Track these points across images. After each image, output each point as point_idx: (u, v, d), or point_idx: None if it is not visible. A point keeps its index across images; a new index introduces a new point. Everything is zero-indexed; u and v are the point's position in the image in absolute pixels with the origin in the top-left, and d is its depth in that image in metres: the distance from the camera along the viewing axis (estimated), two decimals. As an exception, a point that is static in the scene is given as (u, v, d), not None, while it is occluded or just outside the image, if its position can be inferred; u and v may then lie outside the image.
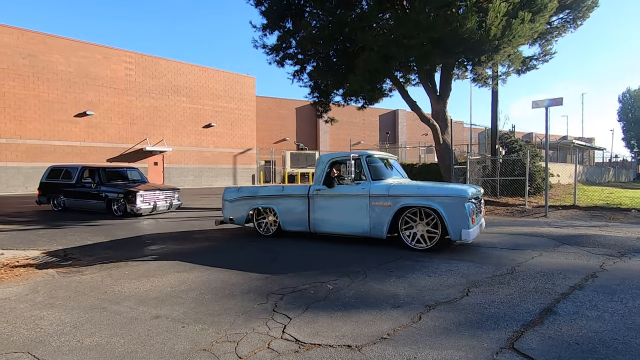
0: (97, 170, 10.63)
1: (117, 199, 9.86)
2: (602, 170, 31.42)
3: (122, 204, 9.77)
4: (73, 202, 10.86)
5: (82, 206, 10.68)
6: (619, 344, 2.49)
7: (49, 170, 11.75)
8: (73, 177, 10.89)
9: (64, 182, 11.05)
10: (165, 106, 24.53)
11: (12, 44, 18.89)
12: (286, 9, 11.46)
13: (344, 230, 5.96)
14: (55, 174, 11.51)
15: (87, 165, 11.22)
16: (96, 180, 10.40)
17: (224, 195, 7.34)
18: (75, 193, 10.75)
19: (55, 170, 11.63)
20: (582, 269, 4.36)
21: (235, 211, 7.11)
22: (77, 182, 10.73)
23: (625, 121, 49.94)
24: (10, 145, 19.01)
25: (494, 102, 12.93)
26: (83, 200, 10.61)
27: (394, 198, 5.45)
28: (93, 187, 10.30)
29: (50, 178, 11.52)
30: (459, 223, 5.01)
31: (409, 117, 39.58)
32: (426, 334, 2.67)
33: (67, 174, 11.14)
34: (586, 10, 10.67)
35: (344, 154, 6.30)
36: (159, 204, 10.24)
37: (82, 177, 10.71)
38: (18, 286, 3.95)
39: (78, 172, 10.88)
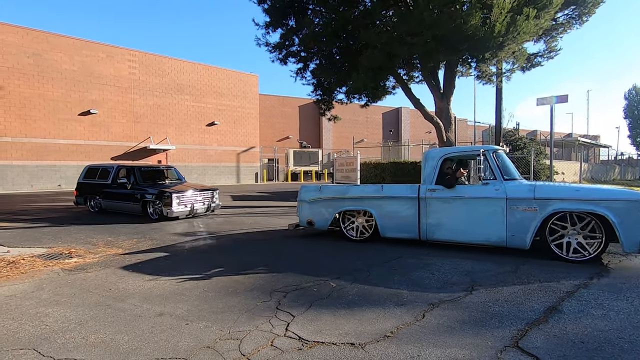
0: (132, 170, 9.85)
1: (152, 201, 9.09)
2: (607, 168, 31.17)
3: (158, 207, 8.94)
4: (109, 203, 10.13)
5: (118, 208, 9.97)
6: (625, 342, 2.47)
7: (86, 169, 11.12)
8: (109, 176, 10.18)
9: (101, 182, 10.36)
10: (169, 104, 24.60)
11: (16, 43, 19.00)
12: (289, 7, 11.42)
13: (469, 239, 5.18)
14: (91, 174, 10.84)
15: (123, 164, 10.52)
16: (131, 180, 9.60)
17: (300, 195, 6.55)
18: (111, 194, 10.04)
19: (92, 170, 10.97)
20: (588, 267, 4.32)
21: (315, 213, 6.33)
22: (113, 182, 9.99)
23: (631, 118, 49.47)
24: (15, 144, 19.15)
25: (498, 100, 12.84)
26: (119, 201, 9.87)
27: (541, 202, 4.65)
28: (128, 188, 9.53)
29: (87, 178, 10.88)
30: (635, 232, 4.23)
31: (412, 115, 39.45)
32: (430, 332, 2.66)
33: (103, 174, 10.44)
34: (592, 6, 10.54)
35: (459, 149, 5.82)
36: (197, 206, 9.27)
37: (118, 176, 9.97)
38: (23, 283, 3.98)
39: (114, 172, 10.14)
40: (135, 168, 9.91)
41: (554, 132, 9.80)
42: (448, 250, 5.31)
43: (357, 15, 10.51)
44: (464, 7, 8.68)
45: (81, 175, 11.11)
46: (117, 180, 9.94)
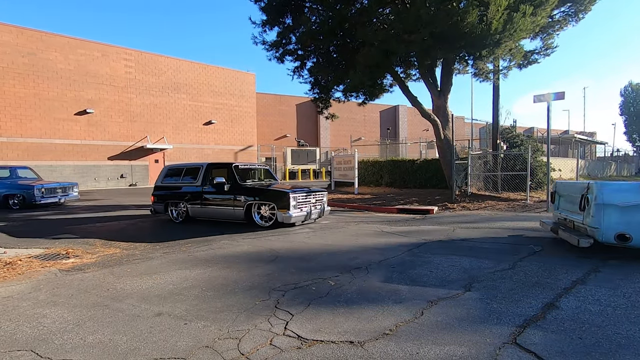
0: (230, 168, 8.32)
1: (261, 203, 7.64)
2: (603, 165, 31.33)
3: (268, 211, 7.57)
4: (199, 210, 8.42)
5: (212, 215, 8.31)
6: (622, 338, 2.48)
7: (165, 170, 9.45)
8: (198, 177, 8.58)
9: (186, 184, 8.75)
10: (166, 103, 24.49)
11: (11, 42, 18.84)
12: (286, 5, 11.40)
13: None
14: (174, 175, 9.22)
15: (215, 162, 9.01)
16: (230, 180, 8.08)
17: (602, 195, 4.47)
18: (201, 198, 8.35)
19: (174, 170, 9.35)
20: (585, 263, 4.35)
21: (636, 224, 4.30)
22: (204, 184, 8.37)
23: (627, 115, 49.73)
24: (11, 144, 19.02)
25: (495, 97, 12.86)
26: (213, 207, 8.22)
27: None
28: (226, 190, 7.96)
29: (168, 180, 9.22)
30: None
31: (409, 113, 39.50)
32: (428, 330, 2.67)
33: (189, 174, 8.83)
34: (587, 4, 10.59)
35: None
36: (313, 210, 7.89)
37: (211, 176, 8.36)
38: (21, 284, 3.96)
39: (203, 171, 8.53)
40: (233, 166, 8.37)
41: (550, 129, 9.83)
42: (446, 248, 5.33)
43: (354, 13, 10.50)
44: (460, 5, 8.68)
45: (159, 178, 9.43)
46: (210, 180, 8.31)
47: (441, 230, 6.92)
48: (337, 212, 10.18)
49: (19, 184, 11.39)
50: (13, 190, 11.20)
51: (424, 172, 14.58)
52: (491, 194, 11.90)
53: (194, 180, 8.65)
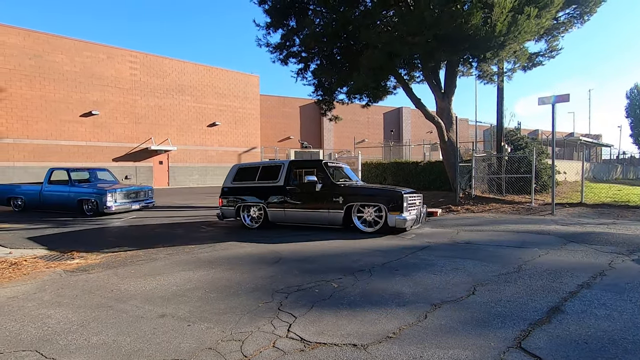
0: (320, 165, 7.44)
1: (362, 206, 6.78)
2: (609, 167, 31.07)
3: (375, 214, 6.70)
4: (281, 214, 7.54)
5: (299, 220, 7.44)
6: (629, 343, 2.45)
7: (236, 170, 8.41)
8: (279, 176, 7.66)
9: (264, 184, 7.80)
10: (170, 105, 24.63)
11: (18, 45, 19.05)
12: (290, 7, 11.44)
13: None
14: (246, 175, 8.22)
15: (298, 160, 8.24)
16: (322, 179, 7.20)
17: None
18: (285, 200, 7.46)
19: (245, 170, 8.32)
20: (590, 267, 4.31)
21: None
22: (286, 184, 7.51)
23: (633, 117, 49.30)
24: (17, 145, 19.19)
25: (500, 99, 12.81)
26: (300, 210, 7.31)
27: None
28: (318, 191, 7.08)
29: (238, 180, 8.24)
30: None
31: (413, 115, 39.39)
32: (432, 333, 2.65)
33: (267, 174, 7.92)
34: (593, 5, 10.52)
35: None
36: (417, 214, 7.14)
37: (294, 175, 7.56)
38: (25, 285, 3.99)
39: (285, 170, 7.62)
40: (323, 163, 7.51)
41: (555, 132, 9.77)
42: (449, 250, 5.30)
43: (358, 15, 10.51)
44: (465, 7, 8.67)
45: (228, 179, 8.42)
46: (294, 180, 7.53)
47: (445, 232, 6.88)
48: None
49: (93, 188, 10.25)
50: (87, 194, 10.10)
51: (427, 174, 14.53)
52: (495, 197, 11.83)
53: (273, 180, 7.67)
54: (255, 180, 7.97)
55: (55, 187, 10.68)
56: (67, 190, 10.35)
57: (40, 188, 10.76)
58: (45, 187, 10.72)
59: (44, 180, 10.85)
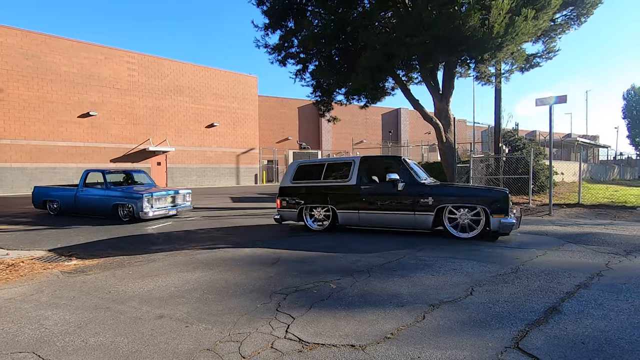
0: (399, 162, 6.73)
1: (456, 208, 6.09)
2: (606, 168, 31.21)
3: (472, 217, 6.02)
4: (354, 216, 6.85)
5: (376, 222, 6.78)
6: (625, 343, 2.46)
7: (295, 168, 7.72)
8: (350, 174, 6.97)
9: (332, 184, 7.14)
10: (168, 106, 24.59)
11: (15, 45, 18.99)
12: (288, 8, 11.45)
13: None
14: (308, 173, 7.58)
15: (371, 155, 7.44)
16: (404, 177, 6.47)
17: None
18: (358, 201, 6.79)
19: (308, 168, 7.64)
20: (588, 267, 4.32)
21: None
22: (359, 183, 6.84)
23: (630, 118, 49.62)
24: (14, 146, 19.12)
25: (497, 100, 12.86)
26: (379, 212, 6.65)
27: None
28: (400, 190, 6.38)
29: (299, 180, 7.58)
30: None
31: (411, 116, 39.48)
32: (430, 334, 2.66)
33: (335, 172, 7.29)
34: (590, 7, 10.58)
35: None
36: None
37: (369, 173, 6.90)
38: (23, 286, 3.97)
39: (357, 167, 6.94)
40: (402, 159, 6.79)
41: (553, 133, 9.81)
42: (448, 251, 5.31)
43: (356, 16, 10.54)
44: (462, 8, 8.70)
45: (287, 177, 7.73)
46: (369, 178, 6.84)
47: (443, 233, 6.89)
48: (338, 215, 10.16)
49: (128, 192, 9.24)
50: (123, 199, 9.12)
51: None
52: (493, 197, 11.84)
53: (343, 179, 7.02)
54: (320, 179, 7.29)
55: (90, 191, 9.83)
56: (102, 194, 9.51)
57: (75, 191, 10.02)
58: (80, 190, 9.91)
59: (79, 183, 10.05)
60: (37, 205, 10.70)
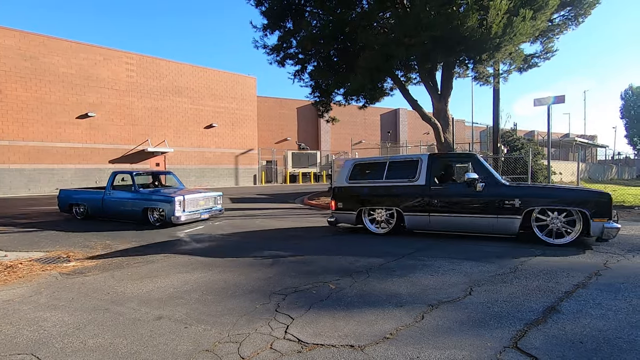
0: (474, 159, 6.24)
1: (546, 211, 5.50)
2: (604, 168, 31.29)
3: (565, 221, 5.43)
4: (424, 220, 6.29)
5: (453, 227, 6.20)
6: (624, 342, 2.47)
7: (351, 166, 7.17)
8: (417, 173, 6.38)
9: (397, 184, 6.53)
10: (167, 107, 24.57)
11: (13, 46, 18.95)
12: (287, 9, 11.47)
13: None
14: (367, 172, 7.02)
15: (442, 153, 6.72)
16: (483, 177, 5.89)
17: None
18: (428, 203, 6.21)
19: (366, 166, 7.12)
20: (586, 267, 4.34)
21: None
22: (429, 183, 6.25)
23: (628, 118, 49.78)
24: (12, 147, 19.07)
25: (496, 100, 12.89)
26: (457, 216, 6.04)
27: None
28: (479, 191, 5.79)
29: (357, 179, 7.04)
30: None
31: (410, 116, 39.52)
32: (429, 334, 2.66)
33: (398, 170, 6.64)
34: (587, 7, 10.62)
35: None
36: None
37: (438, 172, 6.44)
38: (21, 288, 3.96)
39: (426, 165, 6.34)
40: (476, 157, 6.25)
41: (551, 133, 9.84)
42: (446, 251, 5.32)
43: (355, 17, 10.56)
44: (460, 9, 8.73)
45: (342, 176, 7.18)
46: (441, 178, 6.34)
47: (441, 233, 6.89)
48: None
49: (160, 194, 8.63)
50: (153, 202, 8.50)
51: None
52: (492, 197, 11.87)
53: (410, 178, 6.41)
54: (382, 178, 6.70)
55: (118, 194, 9.20)
56: (131, 197, 8.89)
57: (102, 194, 9.37)
58: (107, 193, 9.26)
59: (107, 185, 9.40)
60: (63, 209, 10.20)
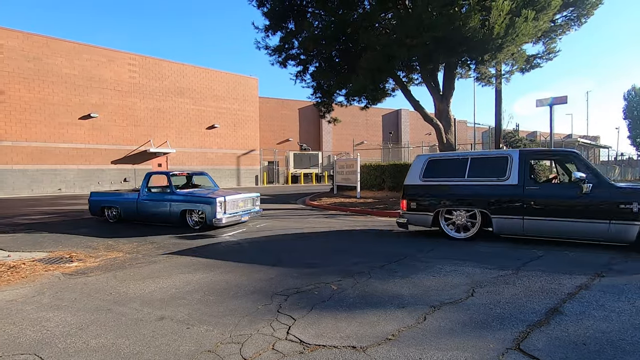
0: (576, 157, 5.70)
1: None
2: (607, 169, 31.12)
3: None
4: (517, 224, 5.68)
5: (554, 232, 5.59)
6: (627, 344, 2.46)
7: (425, 162, 6.57)
8: (507, 171, 5.80)
9: (483, 183, 5.96)
10: (169, 108, 24.64)
11: (17, 47, 19.05)
12: (289, 10, 11.49)
13: None
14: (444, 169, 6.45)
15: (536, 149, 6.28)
16: (588, 174, 5.34)
17: None
18: (523, 204, 5.61)
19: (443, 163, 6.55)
20: (589, 268, 4.32)
21: None
22: (523, 183, 5.67)
23: (630, 119, 49.53)
24: (15, 148, 19.16)
25: (498, 101, 12.87)
26: (558, 221, 5.45)
27: None
28: (588, 191, 5.23)
29: (432, 177, 6.42)
30: None
31: (412, 117, 39.49)
32: (431, 335, 2.66)
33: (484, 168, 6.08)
34: (590, 8, 10.59)
35: None
36: None
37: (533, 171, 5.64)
38: (24, 288, 3.98)
39: (517, 163, 5.77)
40: (577, 154, 5.76)
41: (553, 133, 9.81)
42: (448, 252, 5.31)
43: (356, 18, 10.57)
44: (462, 9, 8.73)
45: (413, 174, 6.56)
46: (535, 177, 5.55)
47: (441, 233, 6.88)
48: (339, 216, 10.17)
49: (200, 196, 8.18)
50: (193, 203, 8.02)
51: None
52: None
53: (499, 177, 5.81)
54: (464, 177, 6.09)
55: (153, 196, 8.72)
56: (168, 199, 8.34)
57: (137, 196, 8.86)
58: (142, 195, 8.74)
59: (141, 187, 8.92)
60: (95, 213, 9.62)
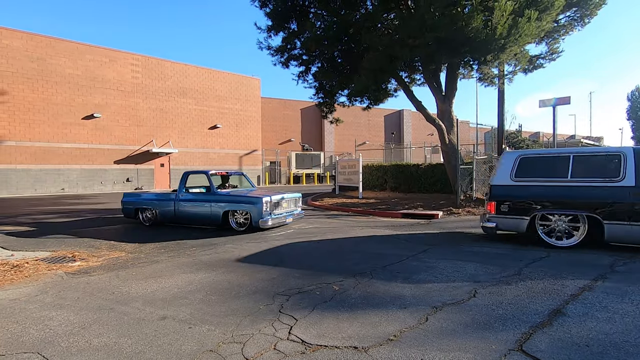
0: None
1: None
2: (611, 170, 30.97)
3: None
4: (636, 231, 4.96)
5: None
6: (630, 346, 2.45)
7: (517, 160, 5.92)
8: (622, 171, 5.13)
9: (590, 184, 5.32)
10: (172, 108, 24.71)
11: (21, 48, 19.16)
12: (291, 10, 11.50)
13: None
14: (542, 168, 5.78)
15: None
16: None
17: None
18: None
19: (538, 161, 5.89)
20: (592, 270, 4.30)
21: None
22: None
23: (634, 119, 49.26)
24: (19, 148, 19.27)
25: (500, 102, 12.82)
26: None
27: None
28: None
29: (526, 177, 5.77)
30: None
31: (414, 117, 39.44)
32: (433, 336, 2.65)
33: (591, 167, 5.44)
34: (594, 8, 10.54)
35: None
36: None
37: None
38: (27, 287, 4.00)
39: (631, 161, 5.10)
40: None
41: (556, 134, 9.77)
42: (450, 253, 5.30)
43: (359, 18, 10.56)
44: (465, 10, 8.71)
45: (504, 172, 5.87)
46: None
47: (446, 235, 6.87)
48: (341, 216, 10.17)
49: (243, 196, 7.81)
50: (237, 204, 7.62)
51: (428, 176, 14.53)
52: (496, 199, 11.79)
53: (612, 177, 5.15)
54: (567, 177, 5.44)
55: (192, 196, 8.29)
56: (209, 199, 7.91)
57: (174, 197, 8.36)
58: (181, 196, 8.27)
59: (179, 187, 8.42)
60: (128, 215, 9.03)
